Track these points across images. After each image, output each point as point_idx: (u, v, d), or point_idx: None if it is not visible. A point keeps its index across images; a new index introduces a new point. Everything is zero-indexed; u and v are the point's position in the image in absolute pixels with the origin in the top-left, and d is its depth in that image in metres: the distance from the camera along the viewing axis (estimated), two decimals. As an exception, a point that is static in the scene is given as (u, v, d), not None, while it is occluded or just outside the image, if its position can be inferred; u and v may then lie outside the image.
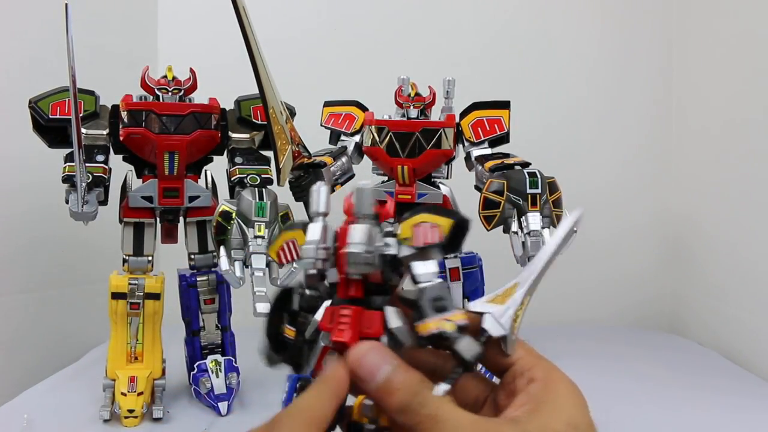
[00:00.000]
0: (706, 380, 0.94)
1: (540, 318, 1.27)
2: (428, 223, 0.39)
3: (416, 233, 0.39)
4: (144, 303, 0.79)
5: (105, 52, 1.07)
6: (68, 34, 0.63)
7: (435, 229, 0.39)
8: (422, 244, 0.39)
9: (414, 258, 0.39)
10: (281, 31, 1.21)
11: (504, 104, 0.86)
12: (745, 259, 1.04)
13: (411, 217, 0.40)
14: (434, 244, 0.39)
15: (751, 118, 1.03)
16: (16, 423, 0.73)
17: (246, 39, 0.66)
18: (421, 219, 0.40)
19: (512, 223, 0.76)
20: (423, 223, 0.39)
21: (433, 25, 1.27)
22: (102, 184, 0.75)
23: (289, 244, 0.42)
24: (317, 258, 0.39)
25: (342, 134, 0.90)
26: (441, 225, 0.39)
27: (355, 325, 0.38)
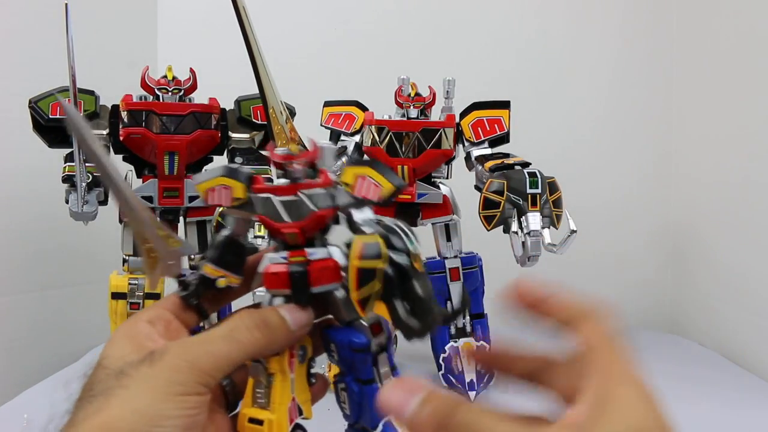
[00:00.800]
0: (707, 380, 0.94)
1: (540, 318, 1.28)
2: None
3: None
4: (144, 303, 0.79)
5: (105, 52, 1.07)
6: (68, 34, 0.63)
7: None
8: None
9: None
10: (281, 31, 1.21)
11: (504, 104, 0.86)
12: (746, 259, 1.04)
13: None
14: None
15: (750, 123, 1.03)
16: (16, 423, 0.73)
17: (246, 39, 0.66)
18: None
19: (512, 223, 0.76)
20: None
21: (433, 25, 1.27)
22: (102, 184, 0.75)
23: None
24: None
25: (342, 134, 0.90)
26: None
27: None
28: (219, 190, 0.42)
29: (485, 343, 0.88)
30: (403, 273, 0.38)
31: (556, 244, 0.75)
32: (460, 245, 0.90)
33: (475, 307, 0.90)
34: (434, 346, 0.91)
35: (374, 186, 0.40)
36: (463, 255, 0.89)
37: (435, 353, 0.90)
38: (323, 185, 0.41)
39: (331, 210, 0.41)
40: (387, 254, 0.38)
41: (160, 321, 0.39)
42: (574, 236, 0.76)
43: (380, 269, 0.38)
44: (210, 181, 0.42)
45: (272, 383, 0.40)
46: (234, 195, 0.42)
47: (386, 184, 0.40)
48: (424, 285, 0.39)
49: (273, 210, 0.40)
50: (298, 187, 0.40)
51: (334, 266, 0.40)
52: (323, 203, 0.40)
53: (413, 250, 0.39)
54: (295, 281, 0.40)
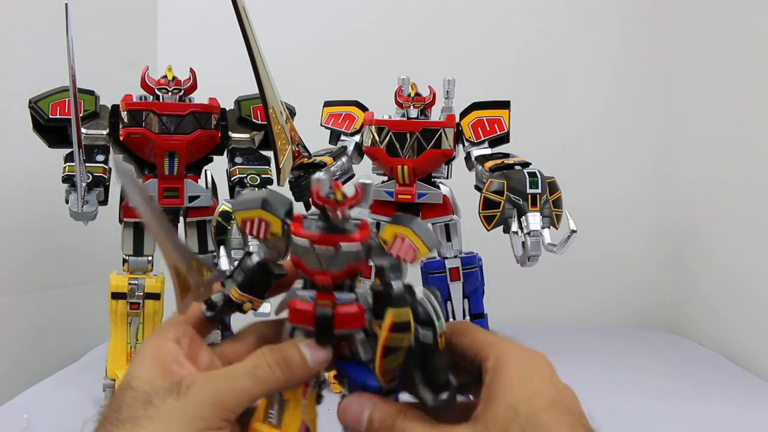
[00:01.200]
0: (707, 380, 0.94)
1: (541, 318, 1.28)
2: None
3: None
4: (144, 303, 0.79)
5: (105, 52, 1.07)
6: (68, 34, 0.63)
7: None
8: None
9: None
10: (281, 31, 1.21)
11: (504, 104, 0.86)
12: (746, 259, 1.04)
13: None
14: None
15: (750, 124, 1.03)
16: (16, 423, 0.73)
17: (246, 39, 0.66)
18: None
19: (512, 223, 0.76)
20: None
21: (433, 25, 1.27)
22: (102, 184, 0.75)
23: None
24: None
25: (342, 134, 0.90)
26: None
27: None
28: (257, 222, 0.42)
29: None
30: (425, 348, 0.39)
31: (556, 244, 0.75)
32: (460, 245, 0.90)
33: (475, 307, 0.90)
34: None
35: (412, 249, 0.40)
36: (463, 255, 0.89)
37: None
38: (361, 240, 0.41)
39: (365, 261, 0.42)
40: (416, 328, 0.39)
41: (185, 337, 0.41)
42: (574, 236, 0.75)
43: (407, 343, 0.39)
44: (249, 211, 0.42)
45: (285, 407, 0.41)
46: (272, 230, 0.42)
47: (423, 248, 0.41)
48: (443, 362, 0.40)
49: (309, 256, 0.41)
50: (338, 240, 0.40)
51: (359, 312, 0.41)
52: (359, 257, 0.41)
53: (438, 327, 0.39)
54: (320, 323, 0.41)
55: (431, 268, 0.89)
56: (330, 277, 0.41)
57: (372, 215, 0.90)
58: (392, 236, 0.41)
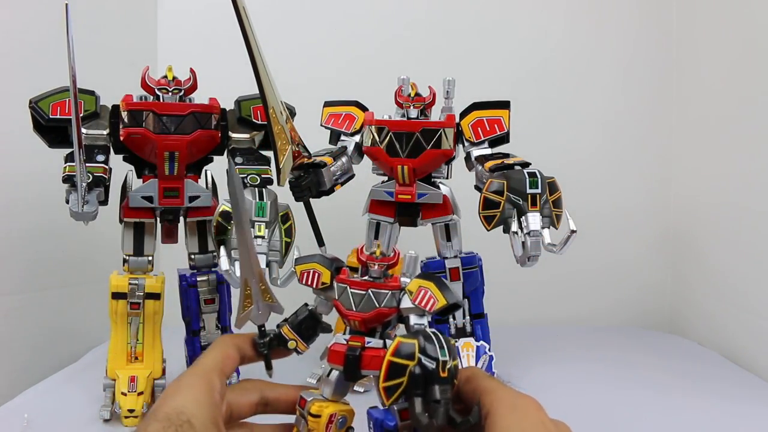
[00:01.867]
0: (707, 380, 0.94)
1: (540, 318, 1.28)
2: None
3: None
4: (144, 303, 0.79)
5: (105, 52, 1.07)
6: (68, 34, 0.63)
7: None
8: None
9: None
10: (281, 31, 1.21)
11: (504, 104, 0.86)
12: (746, 259, 1.04)
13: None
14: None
15: (752, 115, 1.03)
16: (16, 423, 0.73)
17: (246, 39, 0.66)
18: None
19: (512, 223, 0.76)
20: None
21: (434, 26, 1.27)
22: (102, 184, 0.75)
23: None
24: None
25: (342, 134, 0.90)
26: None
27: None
28: (312, 273, 0.53)
29: (485, 342, 0.88)
30: (427, 376, 0.45)
31: (556, 244, 0.75)
32: (460, 245, 0.90)
33: (475, 307, 0.90)
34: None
35: (433, 299, 0.50)
36: (463, 255, 0.89)
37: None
38: (390, 288, 0.51)
39: (393, 310, 0.51)
40: (419, 357, 0.45)
41: (228, 363, 0.49)
42: (574, 236, 0.75)
43: (409, 368, 0.45)
44: (307, 264, 0.53)
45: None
46: (323, 279, 0.53)
47: (441, 299, 0.50)
48: (443, 391, 0.45)
49: (346, 298, 0.52)
50: (369, 286, 0.51)
51: (384, 356, 0.47)
52: (387, 303, 0.51)
53: (442, 358, 0.46)
54: (348, 362, 0.50)
55: (431, 268, 0.89)
56: (360, 319, 0.51)
57: (372, 215, 0.90)
58: (416, 288, 0.50)
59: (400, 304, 0.51)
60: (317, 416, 0.51)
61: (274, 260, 0.70)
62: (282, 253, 0.72)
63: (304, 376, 0.88)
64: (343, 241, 0.92)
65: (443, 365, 0.45)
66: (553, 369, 0.95)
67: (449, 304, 0.50)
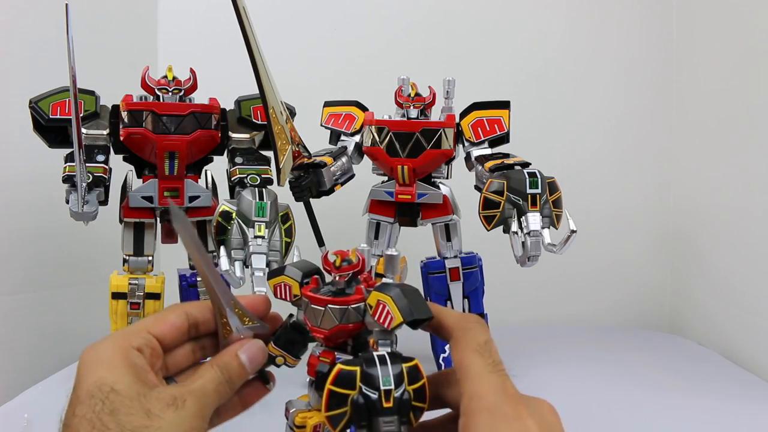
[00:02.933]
0: (707, 380, 0.94)
1: (540, 318, 1.28)
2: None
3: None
4: (144, 303, 0.79)
5: (105, 52, 1.07)
6: (68, 34, 0.63)
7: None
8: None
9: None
10: (281, 31, 1.21)
11: (504, 104, 0.86)
12: (746, 259, 1.04)
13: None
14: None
15: (752, 116, 1.03)
16: (16, 423, 0.73)
17: (246, 39, 0.66)
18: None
19: (512, 223, 0.76)
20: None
21: (434, 26, 1.27)
22: (102, 184, 0.75)
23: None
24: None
25: (342, 134, 0.90)
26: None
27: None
28: (283, 287, 0.49)
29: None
30: (370, 407, 0.41)
31: (556, 244, 0.75)
32: (460, 245, 0.90)
33: (475, 307, 0.90)
34: (434, 346, 0.91)
35: (390, 316, 0.44)
36: (463, 255, 0.89)
37: (435, 353, 0.90)
38: (350, 302, 0.46)
39: (357, 325, 0.46)
40: (359, 386, 0.41)
41: (147, 348, 0.43)
42: (574, 236, 0.76)
43: (351, 398, 0.41)
44: (278, 277, 0.49)
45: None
46: (293, 292, 0.48)
47: (398, 316, 0.43)
48: (388, 422, 0.41)
49: (311, 313, 0.47)
50: (327, 302, 0.46)
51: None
52: (348, 319, 0.46)
53: (384, 387, 0.41)
54: (318, 378, 0.47)
55: (431, 268, 0.89)
56: (323, 336, 0.46)
57: (372, 215, 0.90)
58: (375, 302, 0.45)
59: (365, 318, 0.46)
60: (302, 427, 0.49)
61: (274, 260, 0.70)
62: (282, 253, 0.72)
63: (305, 376, 0.88)
64: (343, 241, 0.92)
65: (386, 395, 0.41)
66: (553, 369, 0.95)
67: (407, 321, 0.43)
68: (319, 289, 0.47)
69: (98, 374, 0.40)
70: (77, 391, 0.40)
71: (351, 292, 0.46)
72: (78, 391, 0.40)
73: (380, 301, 0.44)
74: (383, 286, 0.45)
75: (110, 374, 0.40)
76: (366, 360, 0.42)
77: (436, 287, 0.89)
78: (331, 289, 0.47)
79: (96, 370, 0.40)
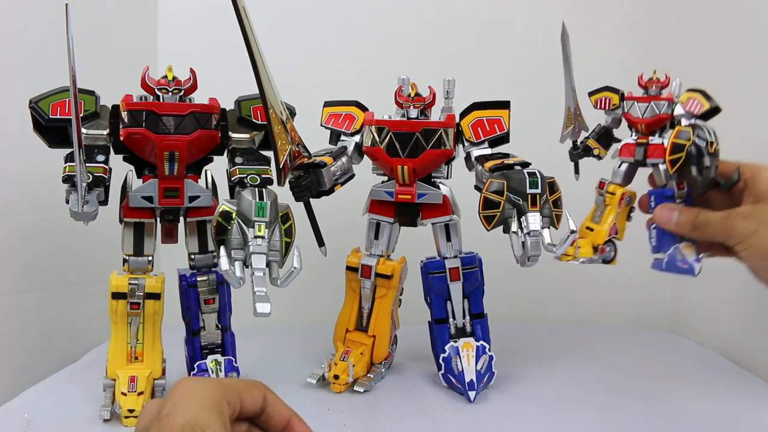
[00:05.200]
0: (707, 380, 0.94)
1: (540, 318, 1.28)
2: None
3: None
4: (144, 303, 0.79)
5: (105, 52, 1.07)
6: (68, 34, 0.63)
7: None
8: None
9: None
10: (281, 31, 1.21)
11: (504, 104, 0.87)
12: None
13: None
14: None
15: (751, 117, 1.03)
16: (16, 423, 0.73)
17: (246, 39, 0.66)
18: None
19: (512, 223, 0.76)
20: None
21: (434, 26, 1.27)
22: (102, 184, 0.75)
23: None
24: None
25: (342, 134, 0.90)
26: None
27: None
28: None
29: (485, 342, 0.88)
30: (700, 151, 0.77)
31: (556, 245, 0.75)
32: (460, 245, 0.90)
33: (475, 307, 0.90)
34: (434, 346, 0.91)
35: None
36: (463, 255, 0.89)
37: (435, 353, 0.90)
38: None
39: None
40: (693, 139, 0.77)
41: (231, 406, 0.47)
42: (573, 236, 0.76)
43: (687, 147, 0.76)
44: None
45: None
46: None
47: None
48: (712, 160, 0.77)
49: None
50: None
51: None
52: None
53: (710, 139, 0.78)
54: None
55: (431, 268, 0.89)
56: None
57: (372, 215, 0.90)
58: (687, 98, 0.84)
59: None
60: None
61: (274, 260, 0.70)
62: (282, 253, 0.72)
63: (304, 376, 0.88)
64: (343, 241, 0.92)
65: (711, 145, 0.75)
66: (553, 369, 0.95)
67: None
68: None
69: (193, 410, 0.44)
70: (171, 420, 0.43)
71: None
72: (172, 421, 0.43)
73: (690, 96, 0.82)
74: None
75: (203, 415, 0.44)
76: (696, 126, 0.79)
77: (436, 287, 0.89)
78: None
79: (191, 406, 0.44)
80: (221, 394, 0.47)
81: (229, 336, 0.85)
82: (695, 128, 0.78)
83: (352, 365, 0.85)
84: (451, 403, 0.83)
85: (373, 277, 0.89)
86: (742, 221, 0.73)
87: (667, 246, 0.84)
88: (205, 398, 0.45)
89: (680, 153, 0.77)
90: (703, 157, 0.76)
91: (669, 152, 0.78)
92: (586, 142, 0.97)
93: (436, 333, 0.90)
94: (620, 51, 1.29)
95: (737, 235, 0.73)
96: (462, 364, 0.84)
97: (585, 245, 0.91)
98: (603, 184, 0.92)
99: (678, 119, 0.85)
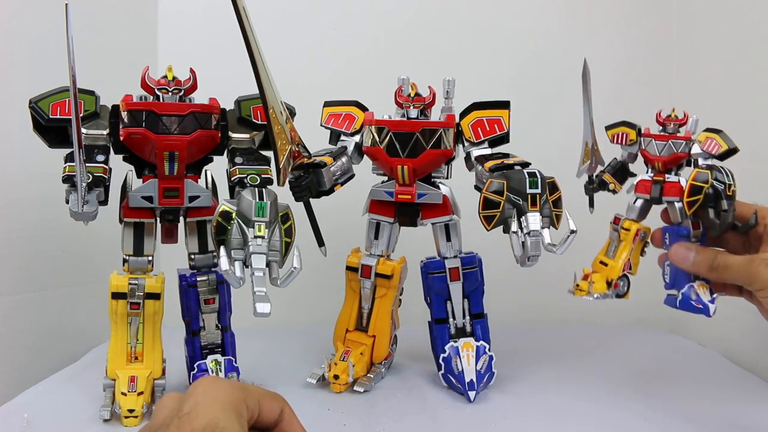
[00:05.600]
0: (707, 380, 0.94)
1: (541, 318, 1.28)
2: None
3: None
4: (144, 303, 0.79)
5: (105, 52, 1.07)
6: (68, 34, 0.63)
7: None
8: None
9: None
10: (281, 31, 1.21)
11: (504, 104, 0.87)
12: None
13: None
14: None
15: (751, 116, 1.03)
16: (16, 423, 0.73)
17: (246, 39, 0.66)
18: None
19: (512, 223, 0.76)
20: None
21: (434, 25, 1.27)
22: (102, 184, 0.75)
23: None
24: None
25: (342, 134, 0.90)
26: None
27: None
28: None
29: (485, 342, 0.88)
30: (717, 194, 0.79)
31: (556, 244, 0.75)
32: (459, 245, 0.90)
33: (475, 307, 0.90)
34: (434, 346, 0.91)
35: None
36: (463, 255, 0.89)
37: (435, 353, 0.90)
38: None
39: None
40: (712, 182, 0.77)
41: (250, 411, 0.47)
42: (573, 236, 0.76)
43: (704, 189, 0.77)
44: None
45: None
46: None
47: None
48: (729, 204, 0.78)
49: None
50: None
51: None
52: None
53: (728, 182, 0.79)
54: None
55: (431, 268, 0.89)
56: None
57: (372, 215, 0.90)
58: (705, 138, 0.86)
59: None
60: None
61: (274, 260, 0.70)
62: (282, 253, 0.72)
63: (304, 376, 0.88)
64: (343, 241, 0.92)
65: (729, 187, 0.77)
66: (553, 369, 0.95)
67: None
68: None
69: (213, 412, 0.44)
70: (192, 419, 0.43)
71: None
72: (193, 421, 0.43)
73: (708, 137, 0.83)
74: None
75: (223, 417, 0.44)
76: (714, 168, 0.79)
77: (436, 287, 0.89)
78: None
79: (212, 407, 0.44)
80: (242, 398, 0.46)
81: (229, 336, 0.85)
82: (713, 170, 0.79)
83: (352, 365, 0.85)
84: (451, 403, 0.83)
85: (373, 277, 0.89)
86: (767, 269, 0.73)
87: (681, 283, 0.83)
88: (226, 400, 0.45)
89: (698, 195, 0.78)
90: (721, 200, 0.77)
91: (687, 194, 0.79)
92: (601, 176, 0.96)
93: (436, 333, 0.90)
94: (620, 51, 1.29)
95: (761, 281, 0.74)
96: (462, 364, 0.84)
97: (599, 280, 0.92)
98: (618, 220, 0.93)
99: (695, 158, 0.85)
